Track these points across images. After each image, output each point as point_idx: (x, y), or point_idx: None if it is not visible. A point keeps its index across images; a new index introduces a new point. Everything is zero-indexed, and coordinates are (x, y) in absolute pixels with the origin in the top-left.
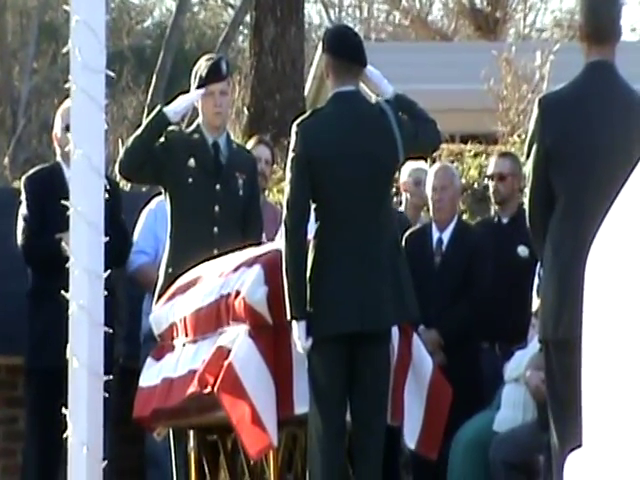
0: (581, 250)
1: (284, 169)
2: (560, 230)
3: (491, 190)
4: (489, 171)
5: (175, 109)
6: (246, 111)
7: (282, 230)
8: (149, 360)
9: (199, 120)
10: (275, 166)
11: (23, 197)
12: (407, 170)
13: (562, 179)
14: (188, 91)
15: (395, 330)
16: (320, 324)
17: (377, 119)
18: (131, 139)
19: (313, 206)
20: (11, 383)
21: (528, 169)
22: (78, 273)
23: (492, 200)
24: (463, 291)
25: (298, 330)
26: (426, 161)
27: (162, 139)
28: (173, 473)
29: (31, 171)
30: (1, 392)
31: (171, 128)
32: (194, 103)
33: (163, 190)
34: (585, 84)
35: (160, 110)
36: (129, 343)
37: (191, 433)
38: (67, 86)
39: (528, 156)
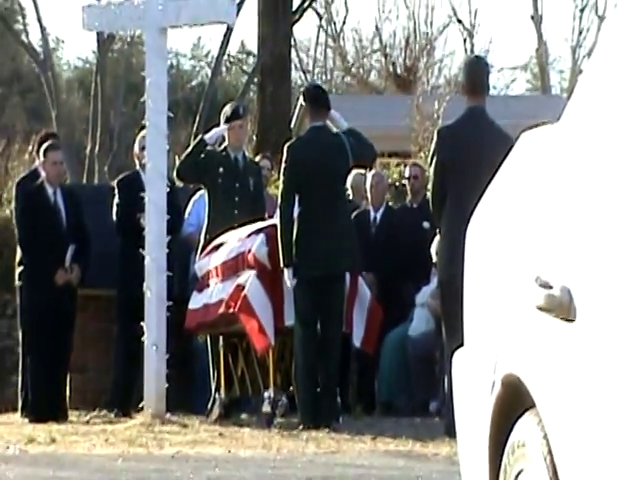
0: (463, 226)
1: (278, 174)
2: (450, 213)
3: (408, 187)
4: (407, 174)
5: (211, 137)
6: (255, 138)
7: (277, 212)
8: (194, 293)
9: (226, 143)
10: (273, 172)
11: (116, 192)
12: (352, 174)
13: (451, 182)
14: (219, 125)
15: (347, 274)
16: (301, 270)
17: (337, 143)
18: (183, 156)
19: (297, 197)
20: (108, 307)
21: (430, 174)
22: (150, 238)
23: (408, 192)
24: (389, 249)
25: (287, 273)
26: (366, 169)
27: (203, 155)
28: (209, 363)
29: (120, 176)
30: (102, 312)
31: (208, 148)
32: (223, 133)
33: (203, 187)
34: (466, 121)
35: (201, 138)
36: (182, 282)
37: (221, 338)
38: (143, 122)
39: (430, 166)
